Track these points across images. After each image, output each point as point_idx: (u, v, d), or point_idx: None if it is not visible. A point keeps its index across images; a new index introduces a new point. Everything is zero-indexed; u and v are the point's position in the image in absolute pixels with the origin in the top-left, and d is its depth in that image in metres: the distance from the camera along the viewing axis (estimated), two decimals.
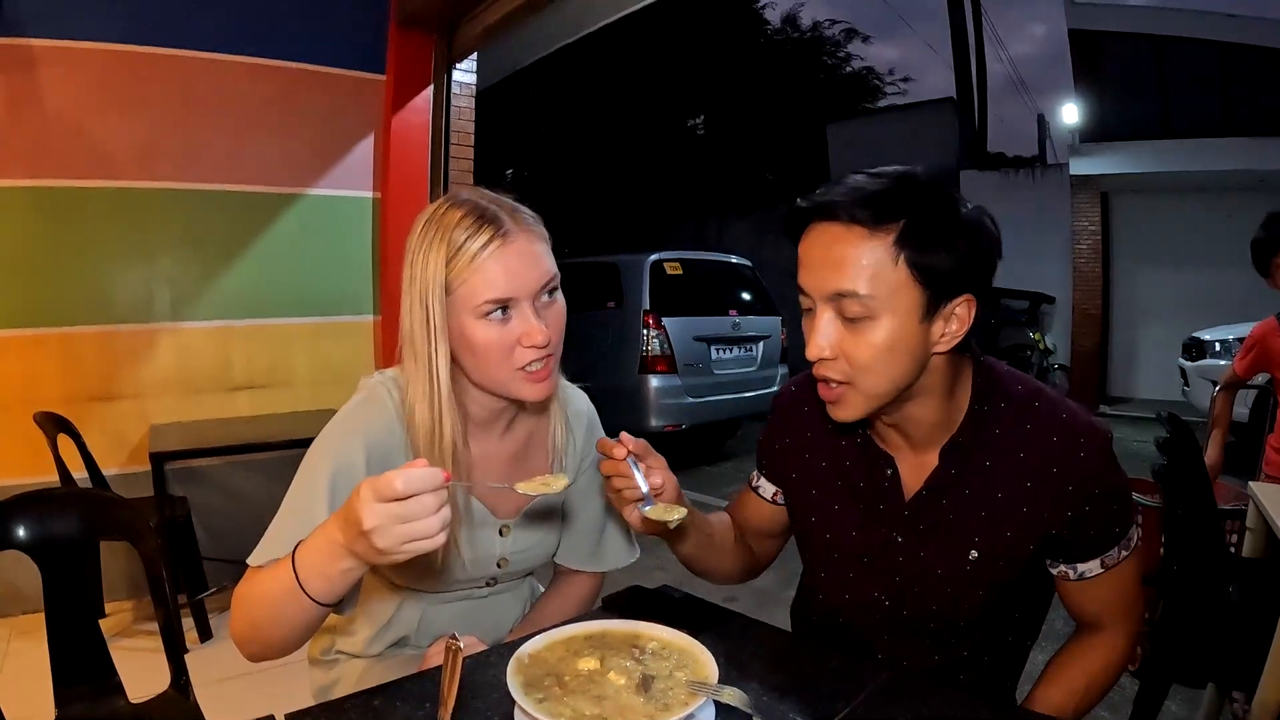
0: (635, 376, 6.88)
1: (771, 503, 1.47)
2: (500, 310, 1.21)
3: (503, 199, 1.28)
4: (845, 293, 1.07)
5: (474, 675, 1.11)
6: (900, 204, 1.06)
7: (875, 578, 1.29)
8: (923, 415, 1.20)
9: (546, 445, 1.45)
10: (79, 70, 3.72)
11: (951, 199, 1.09)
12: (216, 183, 4.11)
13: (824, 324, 1.11)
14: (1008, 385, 1.23)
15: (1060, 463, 1.16)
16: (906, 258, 1.05)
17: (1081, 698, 1.23)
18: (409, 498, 0.92)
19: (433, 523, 0.94)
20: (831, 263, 1.08)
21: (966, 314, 1.11)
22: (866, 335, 1.08)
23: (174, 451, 3.47)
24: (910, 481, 1.25)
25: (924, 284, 1.07)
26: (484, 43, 4.63)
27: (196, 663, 3.21)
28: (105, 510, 1.81)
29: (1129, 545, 1.22)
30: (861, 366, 1.10)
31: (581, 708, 0.94)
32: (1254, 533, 2.61)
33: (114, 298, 3.90)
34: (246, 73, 4.14)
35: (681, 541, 1.31)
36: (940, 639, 1.28)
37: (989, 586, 1.21)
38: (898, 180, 1.08)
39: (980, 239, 1.10)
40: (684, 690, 0.97)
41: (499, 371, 1.24)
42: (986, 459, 1.19)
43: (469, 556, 1.38)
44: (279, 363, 4.32)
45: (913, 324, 1.08)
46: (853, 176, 1.11)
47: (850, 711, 1.02)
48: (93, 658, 1.76)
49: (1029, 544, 1.18)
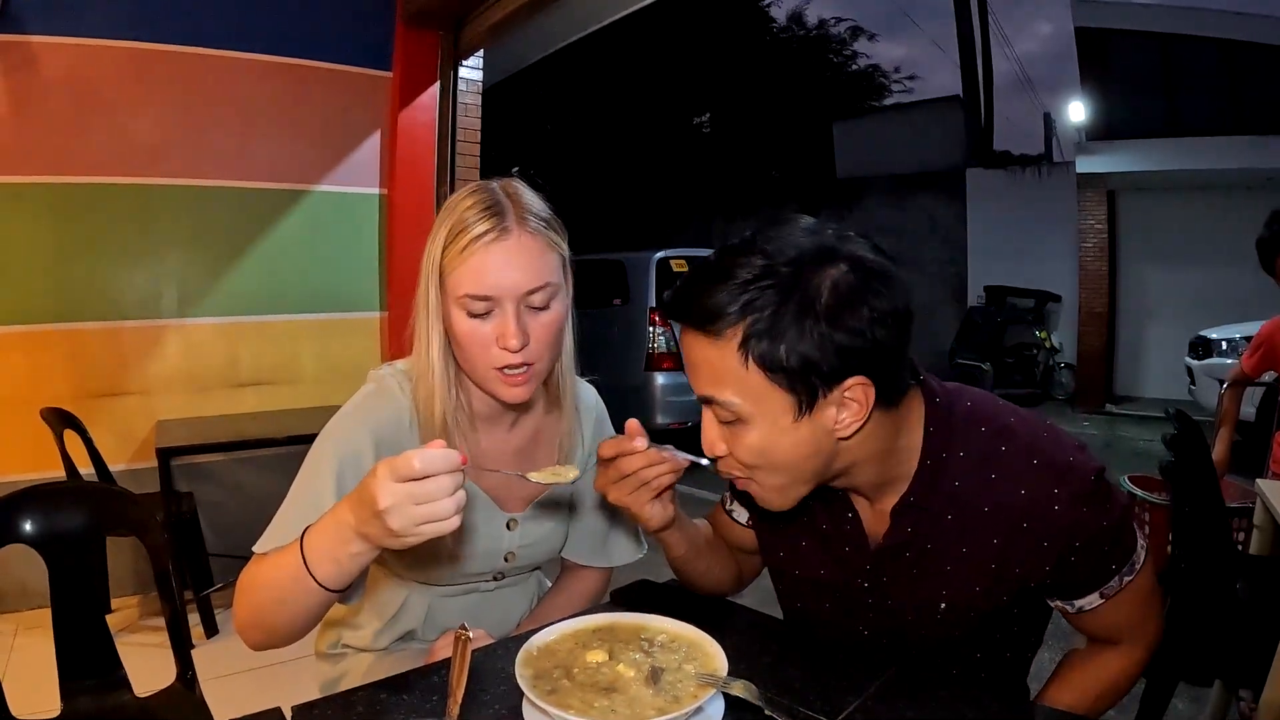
0: (641, 374, 6.89)
1: (746, 526, 1.38)
2: (482, 308, 1.19)
3: (522, 194, 1.25)
4: (708, 399, 1.01)
5: (482, 667, 1.11)
6: (735, 304, 0.94)
7: (850, 613, 1.22)
8: (861, 478, 1.10)
9: (554, 441, 1.45)
10: (86, 67, 3.72)
11: (816, 272, 0.94)
12: (224, 179, 4.11)
13: (707, 423, 1.05)
14: (968, 430, 1.09)
15: (1030, 517, 1.05)
16: (755, 360, 0.94)
17: (1093, 703, 1.19)
18: (426, 478, 0.92)
19: (448, 505, 0.93)
20: (693, 368, 1.03)
21: (863, 396, 0.97)
22: (743, 438, 1.01)
23: (180, 447, 3.47)
24: (873, 528, 1.16)
25: (784, 385, 0.96)
26: (490, 40, 4.63)
27: (203, 658, 3.22)
28: (111, 505, 1.82)
29: (1132, 570, 1.12)
30: (752, 466, 1.04)
31: (590, 699, 0.94)
32: (1261, 530, 2.60)
33: (121, 294, 3.91)
34: (254, 70, 4.14)
35: (674, 546, 1.27)
36: (929, 661, 1.20)
37: (967, 630, 1.14)
38: (741, 271, 0.95)
39: (859, 316, 0.94)
40: (693, 682, 0.97)
41: (477, 367, 1.23)
42: (948, 513, 1.09)
43: (476, 550, 1.37)
44: (286, 359, 4.32)
45: (786, 423, 0.98)
46: (700, 270, 1.00)
47: (860, 705, 1.02)
48: (98, 652, 1.77)
49: (1002, 595, 1.10)
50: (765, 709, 0.95)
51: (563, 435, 1.44)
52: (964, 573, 1.10)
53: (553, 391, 1.42)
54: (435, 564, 1.36)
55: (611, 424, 1.59)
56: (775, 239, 0.97)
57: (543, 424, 1.44)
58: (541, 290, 1.21)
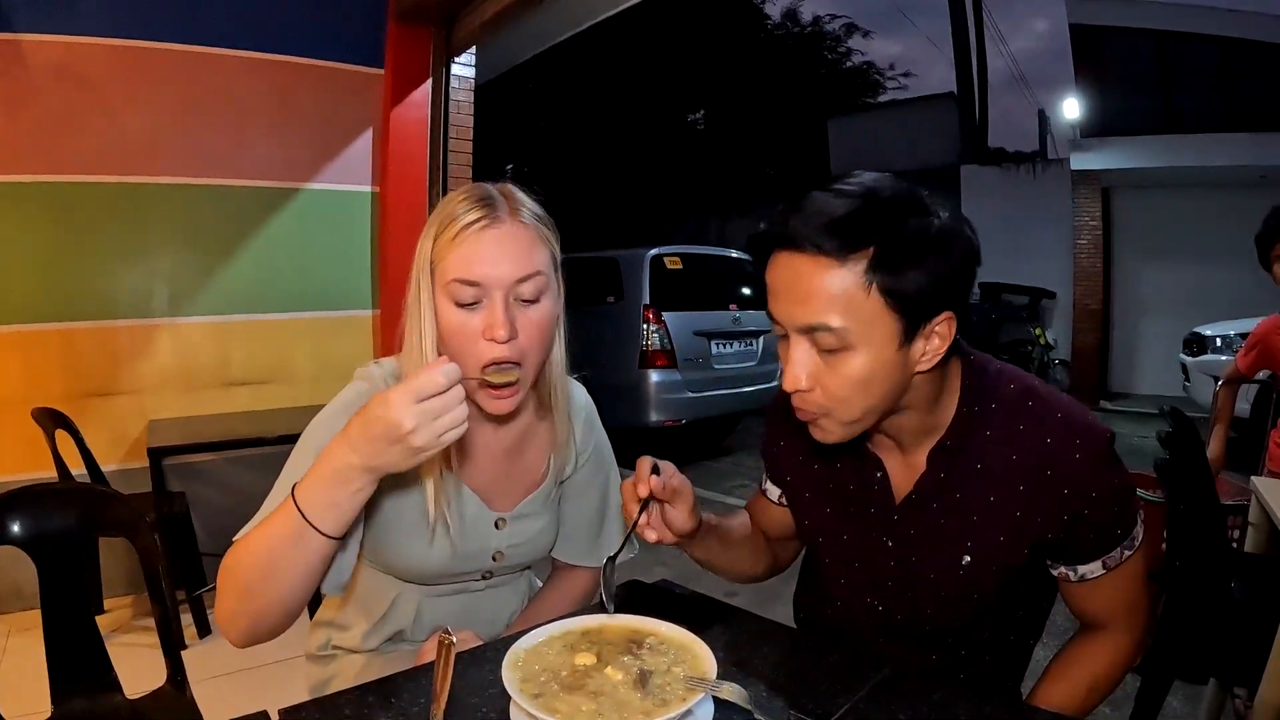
0: (635, 371, 6.86)
1: (779, 504, 1.45)
2: (471, 295, 1.18)
3: (514, 191, 1.26)
4: (817, 326, 1.01)
5: (469, 670, 1.10)
6: (868, 228, 0.98)
7: (867, 584, 1.27)
8: (907, 423, 1.16)
9: (546, 445, 1.44)
10: (77, 65, 3.70)
11: (924, 211, 1.02)
12: (216, 178, 4.09)
13: (799, 355, 1.05)
14: (999, 385, 1.17)
15: (1054, 465, 1.11)
16: (879, 285, 0.99)
17: (1085, 698, 1.20)
18: (445, 392, 0.98)
19: (462, 410, 1.00)
20: (800, 296, 1.02)
21: (947, 331, 1.05)
22: (842, 368, 1.03)
23: (172, 447, 3.46)
24: (900, 484, 1.22)
25: (899, 311, 1.00)
26: (482, 36, 4.61)
27: (195, 659, 3.21)
28: (101, 506, 1.80)
29: (1133, 545, 1.18)
30: (837, 399, 1.06)
31: (578, 704, 0.93)
32: (1256, 528, 2.60)
33: (113, 293, 3.88)
34: (245, 67, 4.12)
35: (694, 547, 1.29)
36: (936, 642, 1.26)
37: (983, 592, 1.18)
38: (864, 199, 1.00)
39: (955, 252, 1.02)
40: (682, 686, 0.96)
41: (465, 367, 1.17)
42: (977, 462, 1.15)
43: (464, 548, 1.36)
44: (278, 358, 4.30)
45: (890, 352, 1.03)
46: (815, 196, 1.03)
47: (851, 707, 1.01)
48: (89, 654, 1.75)
49: (1023, 548, 1.14)
50: (755, 713, 0.94)
51: (556, 444, 1.44)
52: (989, 522, 1.15)
53: (543, 396, 1.40)
54: (419, 561, 1.34)
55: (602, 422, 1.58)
56: (872, 182, 1.03)
57: (534, 425, 1.43)
58: (531, 280, 1.21)
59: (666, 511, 1.16)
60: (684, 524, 1.17)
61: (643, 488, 1.11)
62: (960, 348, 1.17)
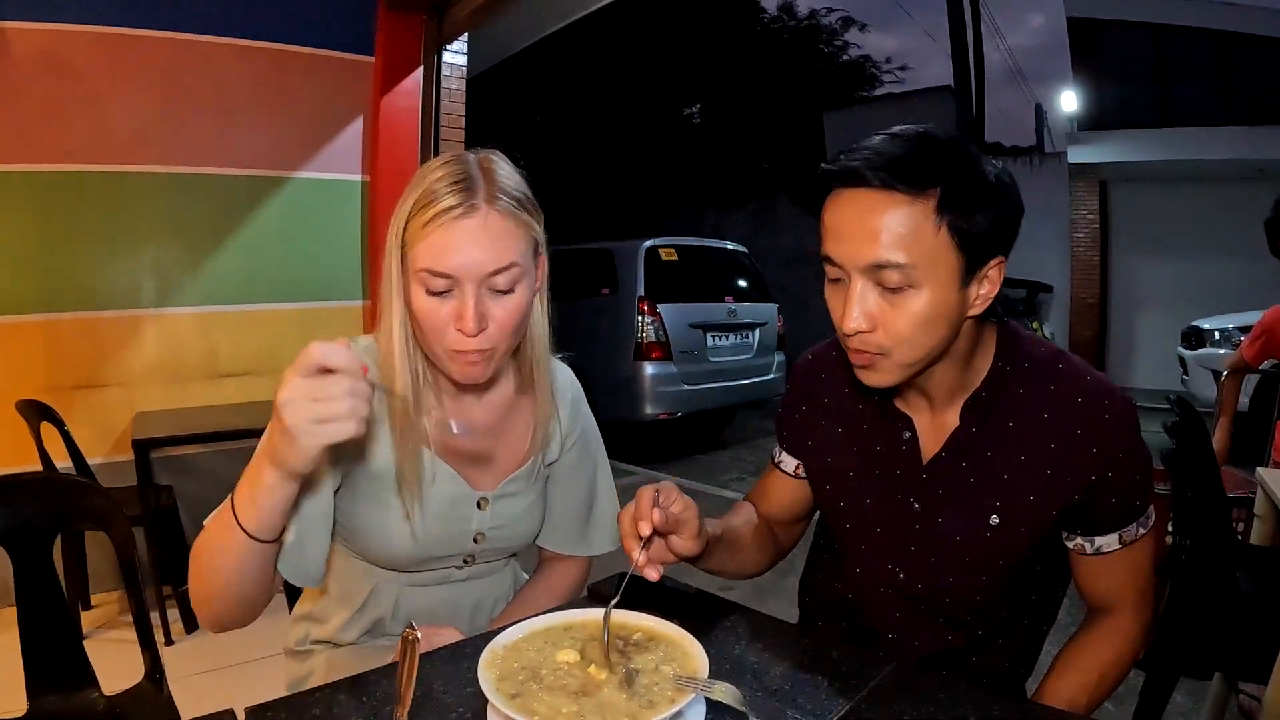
0: (630, 364, 6.80)
1: (794, 477, 1.43)
2: (442, 285, 1.14)
3: (497, 169, 1.20)
4: (884, 263, 1.02)
5: (445, 667, 1.05)
6: (936, 167, 1.02)
7: (889, 550, 1.26)
8: (945, 377, 1.18)
9: (529, 425, 1.39)
10: (63, 53, 3.64)
11: (980, 159, 1.06)
12: (203, 166, 4.03)
13: (861, 295, 1.06)
14: (1030, 347, 1.20)
15: (1084, 425, 1.13)
16: (949, 223, 1.01)
17: (1094, 690, 1.18)
18: (326, 373, 0.89)
19: (344, 405, 0.89)
20: (867, 232, 1.03)
21: (998, 275, 1.09)
22: (906, 306, 1.04)
23: (158, 438, 3.39)
24: (929, 444, 1.22)
25: (963, 249, 1.03)
26: (474, 24, 4.56)
27: (182, 654, 3.18)
28: (73, 496, 1.74)
29: (1147, 524, 1.19)
30: (900, 338, 1.06)
31: (558, 705, 0.87)
32: (1262, 519, 2.57)
33: (98, 284, 3.82)
34: (233, 54, 4.06)
35: (707, 560, 1.24)
36: (953, 618, 1.25)
37: (1006, 558, 1.18)
38: (926, 142, 1.04)
39: (1009, 198, 1.07)
40: (671, 686, 0.90)
41: (433, 344, 1.18)
42: (1009, 419, 1.17)
43: (441, 529, 1.31)
44: (267, 349, 4.24)
45: (952, 291, 1.05)
46: (873, 139, 1.06)
47: (853, 707, 0.96)
48: (66, 650, 1.71)
49: (1051, 510, 1.15)
50: (749, 714, 0.88)
51: (539, 423, 1.39)
52: (1019, 481, 1.16)
53: (525, 374, 1.36)
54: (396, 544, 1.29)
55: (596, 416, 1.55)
56: (924, 129, 1.07)
57: (516, 403, 1.38)
58: (505, 272, 1.16)
59: (671, 542, 1.11)
60: (690, 550, 1.13)
61: (645, 526, 1.04)
62: (995, 311, 1.19)
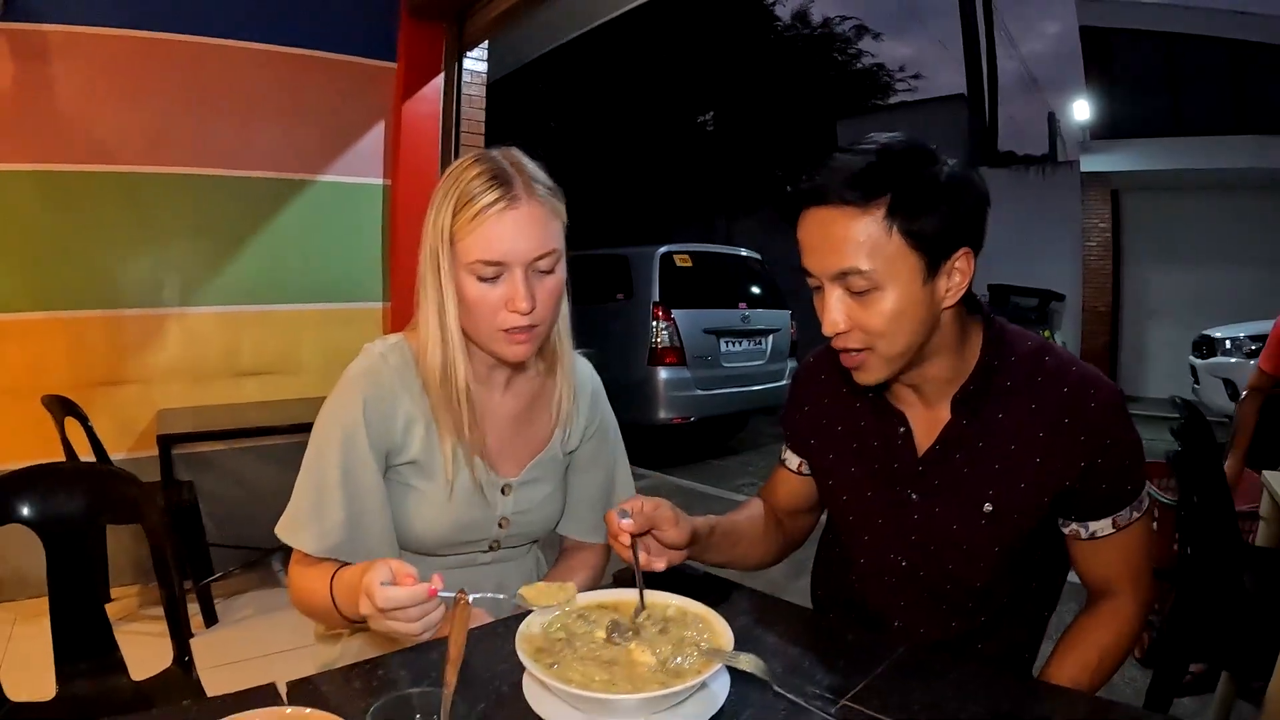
0: (644, 368, 6.84)
1: (798, 474, 1.50)
2: (493, 273, 1.24)
3: (525, 163, 1.30)
4: (848, 270, 1.12)
5: (482, 644, 1.10)
6: (884, 177, 1.10)
7: (891, 540, 1.32)
8: (936, 372, 1.24)
9: (550, 409, 1.47)
10: (89, 56, 3.70)
11: (933, 161, 1.13)
12: (226, 168, 4.08)
13: (834, 301, 1.15)
14: (1017, 341, 1.26)
15: (1072, 413, 1.18)
16: (900, 228, 1.10)
17: (1095, 670, 1.22)
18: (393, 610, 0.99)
19: (414, 627, 1.00)
20: (830, 244, 1.13)
21: (967, 266, 1.16)
22: (876, 306, 1.13)
23: (181, 434, 3.44)
24: (923, 438, 1.28)
25: (919, 249, 1.11)
26: (494, 31, 4.60)
27: (202, 647, 3.19)
28: (110, 485, 1.79)
29: (1140, 507, 1.24)
30: (877, 333, 1.14)
31: (591, 673, 0.92)
32: (1268, 521, 2.58)
33: (122, 282, 3.88)
34: (256, 59, 4.11)
35: (704, 554, 1.32)
36: (957, 604, 1.29)
37: (1004, 543, 1.23)
38: (879, 154, 1.12)
39: (965, 195, 1.14)
40: (698, 658, 0.95)
41: (484, 327, 1.28)
42: (998, 411, 1.23)
43: (469, 515, 1.39)
44: (288, 349, 4.30)
45: (916, 288, 1.13)
46: (836, 156, 1.16)
47: (868, 684, 1.00)
48: (95, 634, 1.75)
49: (1043, 496, 1.20)
50: (773, 684, 0.93)
51: (559, 398, 1.46)
52: (1010, 470, 1.21)
53: (549, 355, 1.44)
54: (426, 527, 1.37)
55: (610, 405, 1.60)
56: (885, 139, 1.15)
57: (539, 389, 1.46)
58: (548, 256, 1.27)
59: (658, 537, 1.18)
60: (677, 537, 1.19)
61: (624, 536, 1.13)
62: (981, 308, 1.27)
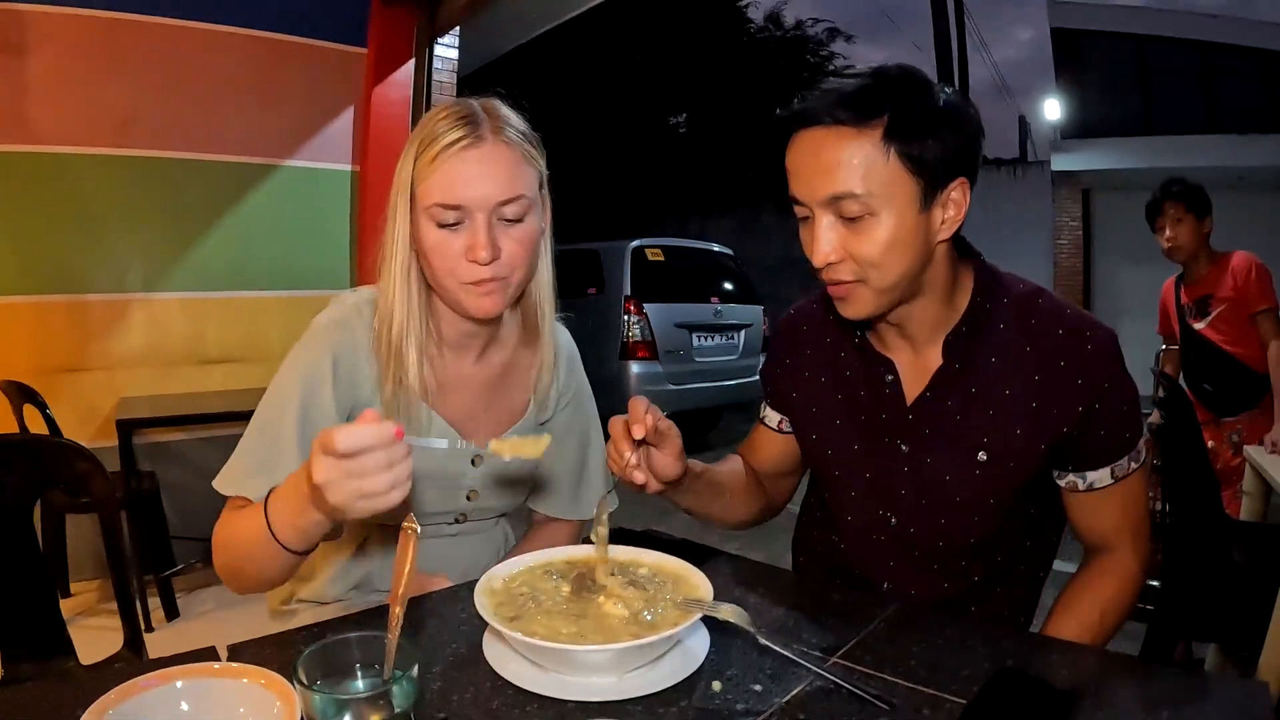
0: (616, 363, 6.79)
1: (778, 431, 1.43)
2: (453, 218, 1.13)
3: (499, 107, 1.20)
4: (841, 194, 1.06)
5: (441, 609, 1.03)
6: (881, 98, 1.05)
7: (880, 495, 1.25)
8: (925, 314, 1.18)
9: (528, 376, 1.36)
10: (56, 36, 3.60)
11: (929, 87, 1.09)
12: (193, 152, 3.99)
13: (825, 229, 1.09)
14: (1009, 284, 1.21)
15: (1068, 357, 1.14)
16: (896, 150, 1.04)
17: (1098, 628, 1.16)
18: (357, 454, 0.84)
19: (381, 480, 0.86)
20: (823, 167, 1.07)
21: (962, 198, 1.11)
22: (870, 233, 1.07)
23: (141, 420, 3.35)
24: (912, 386, 1.22)
25: (917, 174, 1.06)
26: (466, 17, 4.55)
27: (163, 641, 3.13)
28: (55, 457, 1.69)
29: (1138, 458, 1.19)
30: (870, 263, 1.08)
31: (557, 626, 0.85)
32: (1251, 496, 2.59)
33: (86, 267, 3.77)
34: (227, 42, 4.02)
35: (682, 496, 1.23)
36: (949, 564, 1.24)
37: (998, 495, 1.18)
38: (874, 76, 1.08)
39: (964, 122, 1.09)
40: (674, 609, 0.88)
41: (446, 280, 1.16)
42: (991, 355, 1.17)
43: (435, 486, 1.29)
44: (254, 336, 4.19)
45: (912, 216, 1.07)
46: (828, 81, 1.13)
47: (860, 641, 0.95)
48: (43, 617, 1.66)
49: (1040, 443, 1.15)
50: (758, 636, 0.86)
51: (538, 369, 1.36)
52: (1005, 415, 1.16)
53: (530, 321, 1.34)
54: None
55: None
56: (879, 65, 1.12)
57: (515, 358, 1.36)
58: (515, 202, 1.15)
59: (654, 457, 1.10)
60: (672, 470, 1.11)
61: (638, 429, 1.05)
62: (971, 250, 1.22)
